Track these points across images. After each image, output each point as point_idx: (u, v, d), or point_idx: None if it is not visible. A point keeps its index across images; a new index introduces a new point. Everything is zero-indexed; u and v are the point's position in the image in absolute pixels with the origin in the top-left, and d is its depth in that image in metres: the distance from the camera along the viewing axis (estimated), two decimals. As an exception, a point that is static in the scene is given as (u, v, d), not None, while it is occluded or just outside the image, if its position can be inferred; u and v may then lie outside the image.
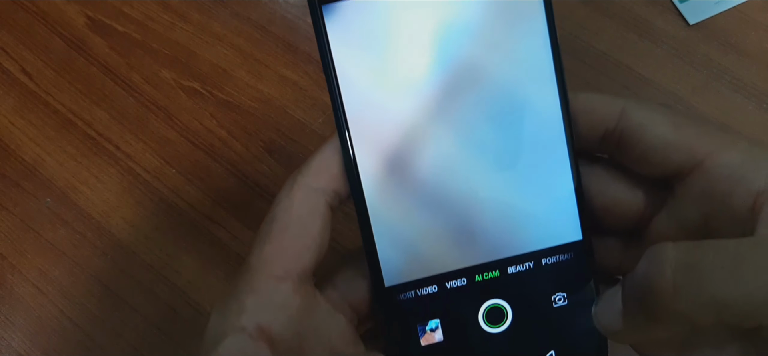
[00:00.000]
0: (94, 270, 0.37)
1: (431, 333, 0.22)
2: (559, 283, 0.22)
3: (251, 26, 0.44)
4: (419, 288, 0.22)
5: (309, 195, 0.22)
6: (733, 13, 0.44)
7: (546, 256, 0.22)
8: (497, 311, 0.22)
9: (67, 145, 0.41)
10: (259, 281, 0.21)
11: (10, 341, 0.36)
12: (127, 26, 0.44)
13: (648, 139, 0.21)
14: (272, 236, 0.21)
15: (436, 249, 0.21)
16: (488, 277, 0.22)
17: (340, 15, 0.20)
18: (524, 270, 0.22)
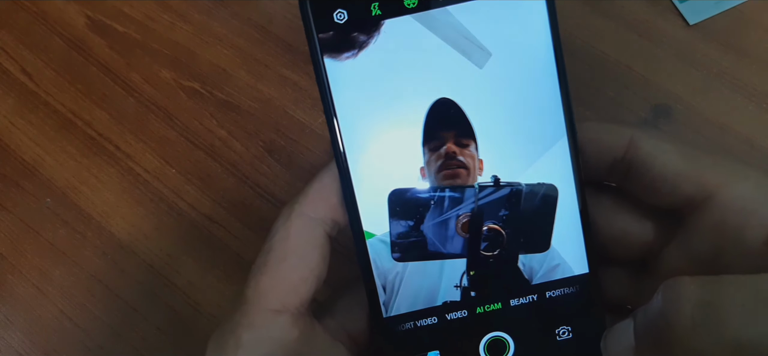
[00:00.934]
0: (94, 270, 0.37)
1: None
2: (563, 316, 0.21)
3: (251, 26, 0.44)
4: (418, 319, 0.21)
5: (306, 225, 0.21)
6: (733, 13, 0.44)
7: (550, 289, 0.21)
8: (499, 343, 0.21)
9: (67, 145, 0.41)
10: (256, 314, 0.21)
11: (10, 341, 0.36)
12: (127, 26, 0.44)
13: (658, 169, 0.21)
14: (269, 267, 0.21)
15: (435, 281, 0.21)
16: (490, 309, 0.21)
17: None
18: (527, 303, 0.21)
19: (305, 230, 0.21)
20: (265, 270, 0.21)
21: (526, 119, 0.21)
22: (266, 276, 0.21)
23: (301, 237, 0.21)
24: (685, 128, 0.41)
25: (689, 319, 0.17)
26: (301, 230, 0.21)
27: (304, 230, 0.21)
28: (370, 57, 0.19)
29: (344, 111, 0.20)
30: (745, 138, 0.40)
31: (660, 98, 0.42)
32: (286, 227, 0.21)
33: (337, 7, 0.18)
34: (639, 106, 0.41)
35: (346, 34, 0.19)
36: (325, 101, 0.20)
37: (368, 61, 0.19)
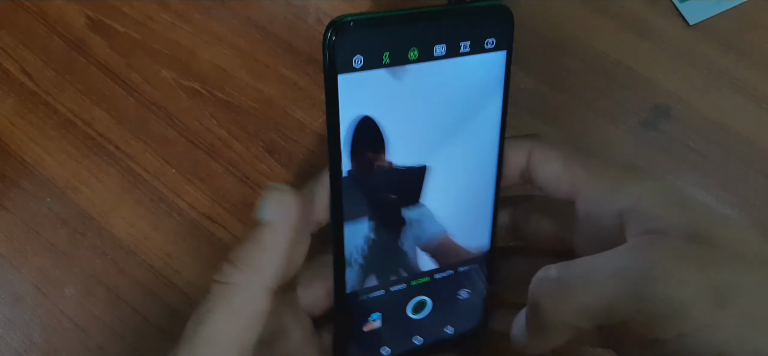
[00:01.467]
0: (94, 270, 0.37)
1: (372, 322, 0.28)
2: (465, 283, 0.29)
3: (251, 26, 0.44)
4: (371, 292, 0.27)
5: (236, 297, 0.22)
6: (733, 13, 0.44)
7: (462, 266, 0.29)
8: (421, 303, 0.29)
9: (67, 145, 0.41)
10: None
11: (10, 341, 0.36)
12: (127, 26, 0.44)
13: (544, 175, 0.26)
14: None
15: (387, 266, 0.27)
16: (421, 282, 0.28)
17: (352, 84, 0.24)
18: (446, 275, 0.29)
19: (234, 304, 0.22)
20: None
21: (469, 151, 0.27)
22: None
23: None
24: (685, 128, 0.41)
25: (547, 297, 0.23)
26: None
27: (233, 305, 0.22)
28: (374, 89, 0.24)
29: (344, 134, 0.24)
30: (745, 138, 0.40)
31: (660, 98, 0.42)
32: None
33: (357, 53, 0.23)
34: (639, 106, 0.41)
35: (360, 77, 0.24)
36: (333, 126, 0.24)
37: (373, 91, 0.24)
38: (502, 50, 0.25)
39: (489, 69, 0.25)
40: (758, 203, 0.38)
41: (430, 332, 0.30)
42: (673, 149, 0.40)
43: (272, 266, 0.22)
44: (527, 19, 0.44)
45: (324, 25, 0.44)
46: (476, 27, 0.24)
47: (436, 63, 0.24)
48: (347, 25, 0.22)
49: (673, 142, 0.40)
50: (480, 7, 0.24)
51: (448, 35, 0.24)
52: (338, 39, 0.23)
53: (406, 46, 0.24)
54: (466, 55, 0.25)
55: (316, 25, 0.44)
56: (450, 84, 0.25)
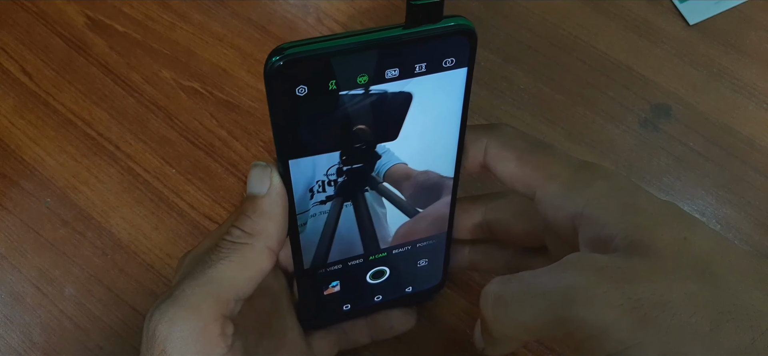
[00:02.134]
0: (94, 270, 0.37)
1: (332, 288, 0.29)
2: (425, 254, 0.30)
3: (251, 26, 0.44)
4: (329, 267, 0.28)
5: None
6: (733, 13, 0.44)
7: (422, 242, 0.29)
8: (379, 273, 0.30)
9: (67, 145, 0.41)
10: None
11: (10, 341, 0.36)
12: (127, 26, 0.44)
13: (499, 173, 0.26)
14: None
15: (346, 246, 0.28)
16: (378, 257, 0.29)
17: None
18: (404, 250, 0.29)
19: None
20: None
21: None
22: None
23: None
24: (684, 128, 0.41)
25: (489, 313, 0.24)
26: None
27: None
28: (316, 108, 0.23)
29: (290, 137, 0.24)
30: (745, 138, 0.40)
31: (660, 98, 0.42)
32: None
33: (300, 84, 0.22)
34: (639, 106, 0.41)
35: (304, 103, 0.22)
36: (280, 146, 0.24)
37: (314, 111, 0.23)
38: (462, 67, 0.24)
39: (447, 84, 0.24)
40: (758, 203, 0.39)
41: (390, 292, 0.31)
42: (673, 149, 0.40)
43: (274, 230, 0.24)
44: (527, 19, 0.44)
45: (324, 24, 0.45)
46: (433, 49, 0.23)
47: (387, 84, 0.23)
48: (289, 57, 0.21)
49: (673, 142, 0.40)
50: (437, 31, 0.22)
51: (401, 60, 0.22)
52: (279, 70, 0.21)
53: (354, 74, 0.22)
54: (421, 75, 0.23)
55: (316, 24, 0.44)
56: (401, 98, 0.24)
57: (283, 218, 0.24)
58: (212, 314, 0.22)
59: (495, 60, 0.43)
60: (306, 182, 0.25)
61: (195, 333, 0.22)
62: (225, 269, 0.23)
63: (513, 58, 0.43)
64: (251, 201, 0.24)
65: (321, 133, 0.23)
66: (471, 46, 0.23)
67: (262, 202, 0.24)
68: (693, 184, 0.39)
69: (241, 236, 0.24)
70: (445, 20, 0.22)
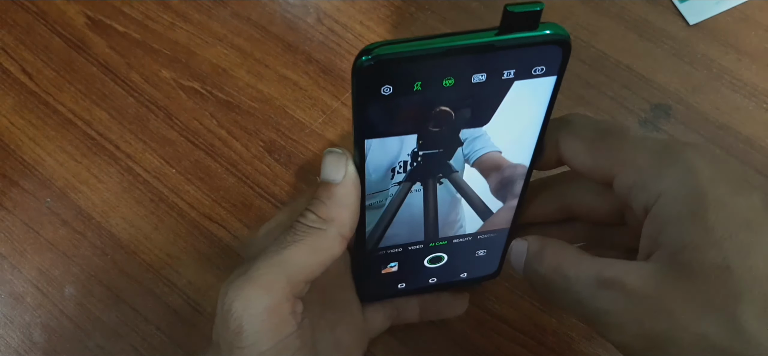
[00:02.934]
0: (94, 270, 0.37)
1: (390, 268, 0.30)
2: (484, 245, 0.30)
3: (251, 26, 0.44)
4: (390, 249, 0.29)
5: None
6: (733, 13, 0.44)
7: (483, 234, 0.30)
8: (437, 258, 0.30)
9: (67, 145, 0.41)
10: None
11: (10, 341, 0.36)
12: (127, 26, 0.44)
13: (574, 166, 0.26)
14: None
15: (409, 230, 0.28)
16: (439, 244, 0.29)
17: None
18: (464, 241, 0.30)
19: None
20: None
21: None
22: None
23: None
24: (685, 128, 0.41)
25: (522, 271, 0.27)
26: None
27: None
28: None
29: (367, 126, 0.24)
30: (745, 138, 0.40)
31: (660, 98, 0.42)
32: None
33: (386, 84, 0.21)
34: (639, 106, 0.41)
35: (388, 99, 0.22)
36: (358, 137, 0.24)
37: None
38: (551, 76, 0.23)
39: (533, 91, 0.23)
40: (758, 203, 0.38)
41: (444, 276, 0.31)
42: (673, 149, 0.40)
43: (348, 218, 0.25)
44: (527, 19, 0.44)
45: (324, 24, 0.45)
46: (525, 56, 0.22)
47: (472, 85, 0.22)
48: (378, 57, 0.21)
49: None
50: (533, 39, 0.21)
51: (490, 65, 0.22)
52: (367, 69, 0.21)
53: (440, 77, 0.22)
54: (509, 81, 0.22)
55: (316, 24, 0.44)
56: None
57: (356, 206, 0.25)
58: (284, 294, 0.24)
59: (495, 60, 0.43)
60: (381, 166, 0.25)
61: (268, 312, 0.23)
62: (299, 252, 0.24)
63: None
64: (326, 188, 0.24)
65: (402, 121, 0.23)
66: (564, 56, 0.22)
67: (336, 190, 0.24)
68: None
69: (316, 222, 0.24)
70: (541, 26, 0.21)
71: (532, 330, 0.35)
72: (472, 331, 0.35)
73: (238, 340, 0.23)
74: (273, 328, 0.23)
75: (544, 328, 0.35)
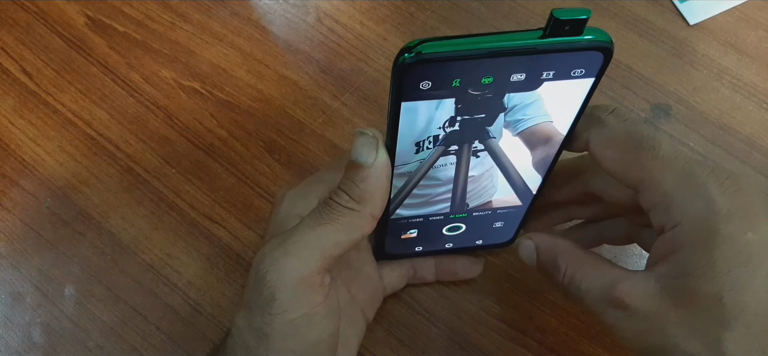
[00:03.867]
0: (93, 270, 0.37)
1: (410, 234, 0.32)
2: (503, 218, 0.32)
3: (251, 26, 0.44)
4: (411, 219, 0.30)
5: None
6: (733, 13, 0.44)
7: (501, 209, 0.31)
8: (455, 227, 0.32)
9: (66, 145, 0.41)
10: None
11: (10, 341, 0.36)
12: (127, 26, 0.44)
13: (604, 167, 0.26)
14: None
15: (431, 202, 0.29)
16: (459, 216, 0.31)
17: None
18: (484, 213, 0.31)
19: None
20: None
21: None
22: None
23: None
24: (685, 128, 0.41)
25: (531, 260, 0.29)
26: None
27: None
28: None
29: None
30: (745, 138, 0.40)
31: (660, 98, 0.42)
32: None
33: (425, 80, 0.22)
34: (639, 106, 0.41)
35: (427, 91, 0.22)
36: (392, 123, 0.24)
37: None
38: (590, 78, 0.23)
39: (570, 90, 0.23)
40: (758, 203, 0.38)
41: (461, 242, 0.33)
42: (673, 148, 0.40)
43: (379, 199, 0.26)
44: (527, 19, 0.44)
45: (324, 24, 0.45)
46: (566, 60, 0.22)
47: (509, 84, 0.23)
48: (420, 56, 0.21)
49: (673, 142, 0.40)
50: (577, 43, 0.22)
51: (531, 67, 0.22)
52: (408, 67, 0.21)
53: (480, 76, 0.22)
54: (547, 81, 0.23)
55: (316, 24, 0.44)
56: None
57: (387, 188, 0.26)
58: (316, 267, 0.25)
59: (495, 60, 0.43)
60: (411, 140, 0.25)
61: (300, 284, 0.25)
62: (334, 231, 0.25)
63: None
64: (358, 170, 0.25)
65: (438, 96, 0.23)
66: (605, 62, 0.22)
67: (369, 173, 0.25)
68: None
69: (349, 202, 0.25)
70: (588, 31, 0.22)
71: (532, 330, 0.35)
72: (472, 331, 0.35)
73: (270, 307, 0.25)
74: (304, 298, 0.25)
75: (544, 328, 0.35)
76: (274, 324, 0.25)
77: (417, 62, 0.21)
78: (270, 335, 0.25)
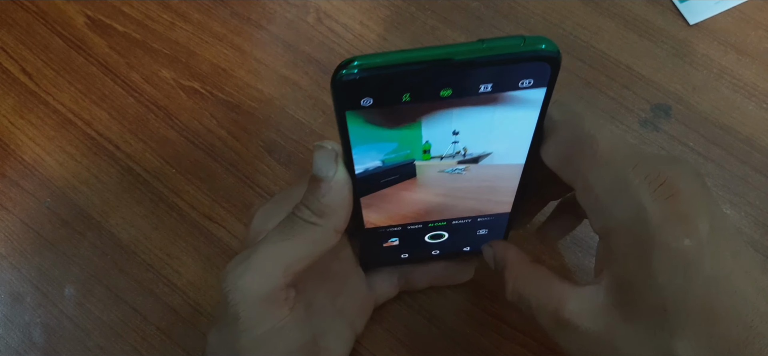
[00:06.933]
0: (93, 270, 0.37)
1: (391, 242, 0.31)
2: (484, 225, 0.31)
3: (251, 26, 0.44)
4: (388, 227, 0.30)
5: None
6: (733, 13, 0.44)
7: (483, 217, 0.30)
8: (437, 235, 0.31)
9: (66, 145, 0.41)
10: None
11: (10, 341, 0.36)
12: (126, 26, 0.44)
13: (543, 160, 0.26)
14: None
15: (407, 211, 0.29)
16: (438, 224, 0.30)
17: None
18: (464, 222, 0.30)
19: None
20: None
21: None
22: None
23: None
24: (685, 128, 0.41)
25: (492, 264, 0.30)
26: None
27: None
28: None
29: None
30: (745, 138, 0.40)
31: (660, 98, 0.42)
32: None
33: (365, 96, 0.21)
34: (639, 106, 0.41)
35: (372, 111, 0.22)
36: (345, 145, 0.24)
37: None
38: (541, 88, 0.22)
39: (522, 101, 0.23)
40: (758, 203, 0.38)
41: (448, 248, 0.32)
42: (673, 149, 0.40)
43: (342, 213, 0.26)
44: (527, 19, 0.44)
45: (324, 24, 0.45)
46: (508, 73, 0.21)
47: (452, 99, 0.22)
48: (352, 75, 0.21)
49: (673, 142, 0.40)
50: (520, 55, 0.21)
51: (470, 79, 0.21)
52: (342, 84, 0.21)
53: (433, 87, 0.21)
54: (493, 93, 0.22)
55: (316, 24, 0.44)
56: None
57: (349, 201, 0.26)
58: (279, 283, 0.25)
59: (495, 60, 0.43)
60: (373, 155, 0.25)
61: (263, 299, 0.25)
62: (295, 246, 0.25)
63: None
64: (318, 184, 0.25)
65: (389, 121, 0.23)
66: (553, 72, 0.22)
67: (329, 187, 0.25)
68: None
69: (311, 217, 0.25)
70: (531, 41, 0.21)
71: (532, 330, 0.35)
72: (472, 331, 0.35)
73: (235, 325, 0.25)
74: (268, 314, 0.25)
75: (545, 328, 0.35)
76: (242, 340, 0.25)
77: (350, 83, 0.21)
78: (240, 351, 0.25)
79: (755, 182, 0.39)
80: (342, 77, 0.21)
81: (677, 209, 0.22)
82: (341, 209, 0.25)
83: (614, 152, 0.24)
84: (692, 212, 0.22)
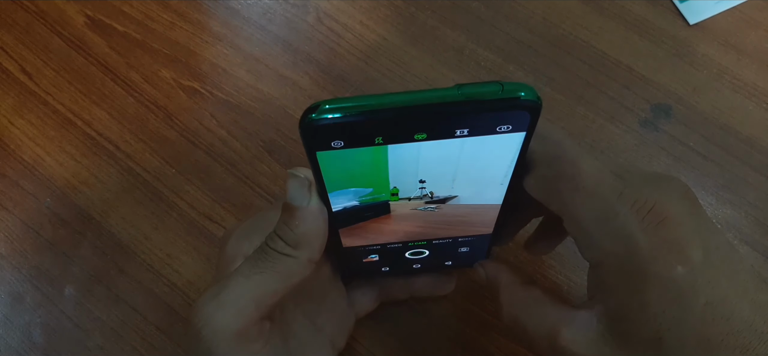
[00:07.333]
0: (93, 270, 0.37)
1: (371, 258, 0.30)
2: (466, 244, 0.30)
3: (251, 26, 0.44)
4: (367, 246, 0.29)
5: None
6: (733, 13, 0.44)
7: (464, 237, 0.29)
8: (418, 252, 0.30)
9: (66, 145, 0.41)
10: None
11: (10, 341, 0.36)
12: (126, 26, 0.44)
13: (527, 191, 0.25)
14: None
15: (386, 239, 0.29)
16: (418, 244, 0.30)
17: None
18: (444, 243, 0.30)
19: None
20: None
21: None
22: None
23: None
24: (684, 128, 0.41)
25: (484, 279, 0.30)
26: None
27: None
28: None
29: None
30: (745, 138, 0.40)
31: (660, 98, 0.42)
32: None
33: (335, 139, 0.21)
34: (639, 106, 0.41)
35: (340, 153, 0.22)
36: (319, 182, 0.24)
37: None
38: (520, 132, 0.21)
39: (501, 144, 0.22)
40: (758, 203, 0.39)
41: (429, 264, 0.32)
42: (673, 149, 0.40)
43: (316, 243, 0.25)
44: (527, 19, 0.44)
45: (324, 24, 0.45)
46: (486, 119, 0.21)
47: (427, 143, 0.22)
48: (321, 118, 0.20)
49: (673, 142, 0.40)
50: (493, 103, 0.20)
51: (446, 125, 0.21)
52: (312, 129, 0.20)
53: (389, 133, 0.21)
54: (467, 137, 0.21)
55: (316, 24, 0.44)
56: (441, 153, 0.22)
57: (323, 230, 0.25)
58: (252, 318, 0.25)
59: (495, 60, 0.43)
60: (347, 195, 0.25)
61: (236, 336, 0.24)
62: (268, 279, 0.25)
63: (513, 58, 0.43)
64: (292, 214, 0.24)
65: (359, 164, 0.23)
66: (532, 119, 0.21)
67: (303, 216, 0.24)
68: (693, 184, 0.39)
69: (285, 248, 0.25)
70: (509, 88, 0.20)
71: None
72: (472, 331, 0.35)
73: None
74: (241, 350, 0.25)
75: (544, 328, 0.35)
76: None
77: (319, 128, 0.20)
78: None
79: (755, 182, 0.39)
80: (310, 122, 0.20)
81: (667, 236, 0.22)
82: (315, 240, 0.25)
83: (598, 181, 0.23)
84: (683, 238, 0.22)
